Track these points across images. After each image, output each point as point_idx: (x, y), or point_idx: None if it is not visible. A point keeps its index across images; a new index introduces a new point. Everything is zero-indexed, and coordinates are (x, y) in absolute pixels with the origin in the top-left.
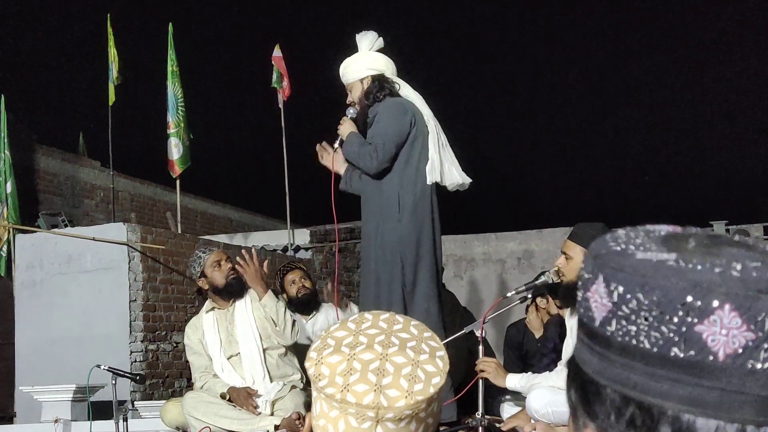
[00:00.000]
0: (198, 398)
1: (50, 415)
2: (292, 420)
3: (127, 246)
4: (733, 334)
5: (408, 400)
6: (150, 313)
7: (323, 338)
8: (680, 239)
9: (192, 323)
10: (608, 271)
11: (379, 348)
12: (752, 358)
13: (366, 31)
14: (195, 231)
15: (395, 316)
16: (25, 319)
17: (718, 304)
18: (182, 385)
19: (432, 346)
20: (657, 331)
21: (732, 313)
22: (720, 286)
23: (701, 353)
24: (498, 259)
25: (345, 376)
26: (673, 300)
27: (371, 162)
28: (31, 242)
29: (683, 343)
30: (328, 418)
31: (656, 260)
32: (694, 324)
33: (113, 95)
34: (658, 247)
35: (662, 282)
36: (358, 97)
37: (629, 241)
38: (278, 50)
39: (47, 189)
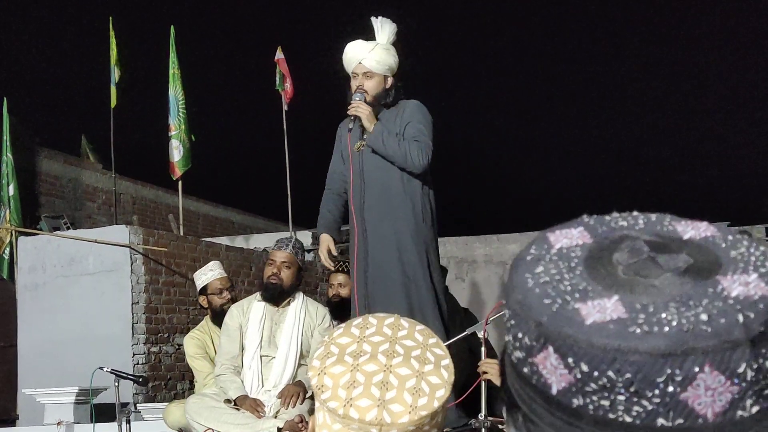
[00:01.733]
0: (201, 403)
1: (53, 418)
2: (294, 423)
3: (130, 248)
4: (719, 392)
5: (412, 415)
6: (152, 315)
7: (326, 345)
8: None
9: (241, 304)
10: (560, 344)
11: (383, 358)
12: (740, 409)
13: (384, 18)
14: (197, 233)
15: (400, 321)
16: (27, 321)
17: (698, 369)
18: (185, 387)
19: (437, 354)
20: (637, 405)
21: (714, 373)
22: (695, 349)
23: (689, 419)
24: (500, 261)
25: (348, 389)
26: (649, 374)
27: (422, 159)
28: (33, 245)
29: (669, 413)
30: (330, 429)
31: (611, 322)
32: (678, 394)
33: (115, 98)
34: (593, 287)
35: (632, 357)
36: (376, 91)
37: (558, 287)
38: (280, 52)
39: (49, 192)
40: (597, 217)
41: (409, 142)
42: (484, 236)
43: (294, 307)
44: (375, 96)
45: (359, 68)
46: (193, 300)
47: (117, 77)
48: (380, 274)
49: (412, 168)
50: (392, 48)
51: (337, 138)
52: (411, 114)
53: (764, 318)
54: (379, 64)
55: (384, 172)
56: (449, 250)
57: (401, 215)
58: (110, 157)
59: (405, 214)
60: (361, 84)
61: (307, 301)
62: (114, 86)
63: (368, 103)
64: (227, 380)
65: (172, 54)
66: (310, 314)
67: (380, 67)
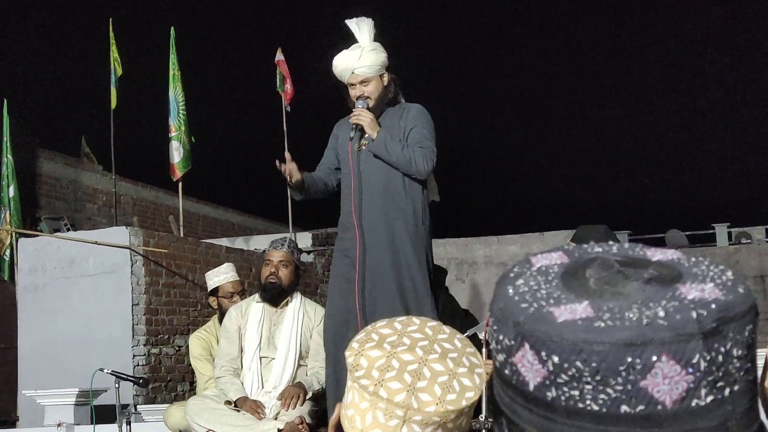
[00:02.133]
0: (201, 404)
1: (53, 419)
2: (295, 425)
3: (130, 250)
4: (675, 381)
5: (438, 407)
6: (152, 316)
7: (368, 332)
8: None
9: (239, 306)
10: (534, 340)
11: (421, 352)
12: (696, 398)
13: (359, 18)
14: (197, 235)
15: (442, 326)
16: (27, 323)
17: (656, 358)
18: (185, 388)
19: (472, 362)
20: (602, 393)
21: (670, 362)
22: (653, 340)
23: (650, 405)
24: (500, 262)
25: (382, 371)
26: (612, 363)
27: (426, 165)
28: (33, 246)
29: (631, 400)
30: (357, 408)
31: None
32: (638, 381)
33: (115, 99)
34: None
35: (597, 348)
36: (377, 93)
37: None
38: (280, 54)
39: (50, 193)
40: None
41: (413, 148)
42: (485, 237)
43: (292, 307)
44: (377, 98)
45: (354, 78)
46: (194, 301)
47: (117, 79)
48: (379, 276)
49: (416, 174)
50: (378, 45)
51: (332, 136)
52: (415, 118)
53: (716, 316)
54: (371, 68)
55: (385, 174)
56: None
57: (402, 217)
58: (110, 158)
59: (406, 217)
60: (361, 93)
61: (305, 302)
62: (114, 88)
63: (372, 109)
64: (227, 382)
65: (172, 55)
66: (308, 315)
67: (373, 70)
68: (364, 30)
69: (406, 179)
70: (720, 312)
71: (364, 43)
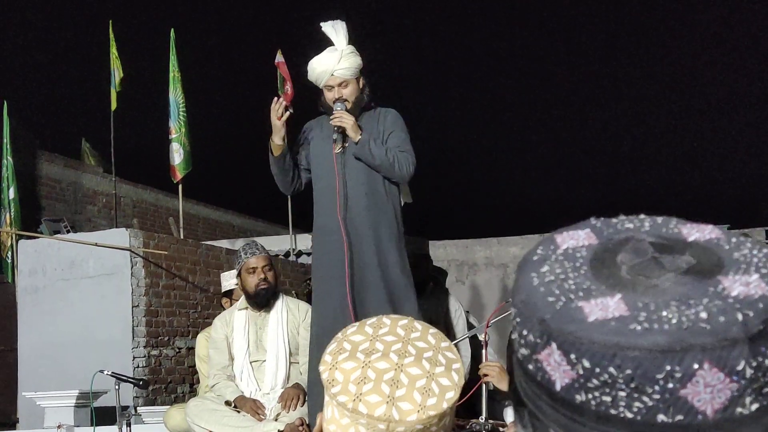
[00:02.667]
0: (202, 405)
1: (53, 421)
2: (295, 426)
3: (130, 251)
4: (718, 389)
5: (420, 414)
6: (152, 318)
7: (339, 341)
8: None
9: (223, 316)
10: (563, 341)
11: (395, 357)
12: (739, 406)
13: (334, 21)
14: (197, 237)
15: (414, 323)
16: (27, 324)
17: (697, 366)
18: (185, 390)
19: (449, 358)
20: (638, 401)
21: (713, 370)
22: (693, 346)
23: (689, 415)
24: (500, 263)
25: (358, 384)
26: (649, 371)
27: (408, 169)
28: (33, 248)
29: (669, 410)
30: (338, 424)
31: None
32: (678, 390)
33: (115, 101)
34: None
35: (632, 353)
36: (355, 96)
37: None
38: (280, 56)
39: (50, 195)
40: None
41: (396, 153)
42: (485, 239)
43: (275, 308)
44: (355, 101)
45: (333, 80)
46: (194, 303)
47: (117, 80)
48: (366, 277)
49: (398, 177)
50: (353, 48)
51: (301, 139)
52: (393, 123)
53: (764, 317)
54: (349, 70)
55: (367, 176)
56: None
57: (385, 219)
58: (110, 160)
59: (388, 219)
60: (340, 95)
61: (288, 300)
62: (114, 89)
63: (350, 111)
64: (222, 386)
65: (172, 57)
66: (292, 312)
67: (351, 72)
68: (340, 33)
69: (386, 182)
70: (767, 311)
71: (341, 45)
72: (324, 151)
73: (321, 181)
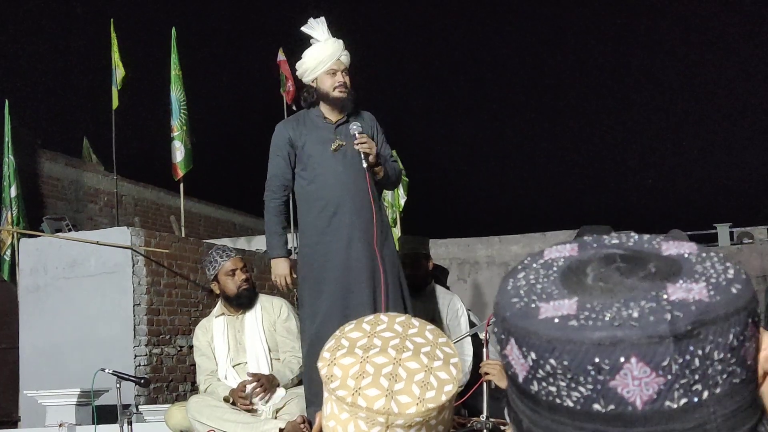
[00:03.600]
0: (202, 402)
1: (54, 420)
2: (296, 424)
3: (131, 250)
4: (645, 383)
5: (419, 407)
6: (154, 317)
7: (337, 338)
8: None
9: (202, 325)
10: (517, 336)
11: (393, 352)
12: (668, 400)
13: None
14: (198, 235)
15: (411, 320)
16: (29, 323)
17: (624, 359)
18: (186, 389)
19: (446, 353)
20: (575, 390)
21: (639, 364)
22: (622, 341)
23: (620, 406)
24: (502, 262)
25: (357, 379)
26: (582, 362)
27: (400, 180)
28: (35, 246)
29: (602, 399)
30: (338, 419)
31: (558, 318)
32: (608, 381)
33: (117, 100)
34: (560, 291)
35: (568, 346)
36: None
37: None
38: (282, 54)
39: (51, 193)
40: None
41: (393, 165)
42: (486, 237)
43: (251, 309)
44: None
45: (338, 65)
46: (195, 302)
47: (118, 79)
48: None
49: (393, 187)
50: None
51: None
52: (378, 131)
53: (693, 318)
54: (348, 60)
55: (359, 175)
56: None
57: (380, 218)
58: (112, 158)
59: (382, 217)
60: (344, 81)
61: (262, 299)
62: (115, 88)
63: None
64: (214, 387)
65: (174, 55)
66: (266, 310)
67: (349, 63)
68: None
69: (370, 181)
70: (699, 315)
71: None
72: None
73: (317, 181)
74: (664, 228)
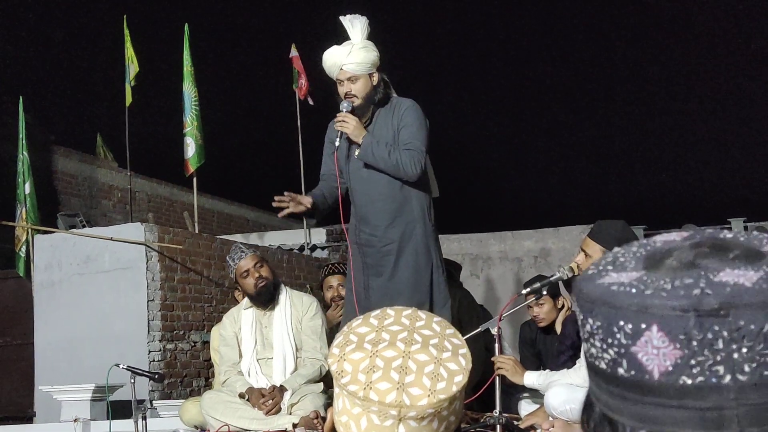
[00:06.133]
0: (217, 397)
1: (69, 415)
2: (310, 419)
3: (145, 246)
4: (663, 353)
5: (431, 398)
6: (168, 312)
7: (345, 334)
8: (665, 253)
9: (231, 314)
10: (577, 297)
11: (402, 345)
12: (684, 374)
13: (353, 15)
14: (212, 231)
15: (417, 312)
16: (43, 319)
17: (645, 326)
18: (200, 384)
19: (455, 344)
20: (606, 353)
21: (659, 333)
22: (646, 308)
23: (639, 372)
24: (515, 257)
25: (367, 373)
26: (610, 324)
27: (414, 168)
28: (49, 243)
29: (625, 364)
30: (350, 414)
31: (608, 284)
32: (630, 346)
33: (130, 96)
34: (636, 265)
35: (603, 308)
36: (364, 93)
37: (613, 260)
38: (294, 50)
39: (65, 190)
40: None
41: (400, 152)
42: (499, 233)
43: (279, 305)
44: (365, 97)
45: (342, 74)
46: (208, 297)
47: (132, 75)
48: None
49: (405, 177)
50: (369, 43)
51: (327, 141)
52: (405, 116)
53: (722, 299)
54: (360, 65)
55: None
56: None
57: (409, 218)
58: (125, 155)
59: (413, 217)
60: (348, 90)
61: (292, 295)
62: (129, 84)
63: (358, 107)
64: (233, 381)
65: (186, 51)
66: (295, 307)
67: (362, 68)
68: (356, 27)
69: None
70: (730, 297)
71: (356, 40)
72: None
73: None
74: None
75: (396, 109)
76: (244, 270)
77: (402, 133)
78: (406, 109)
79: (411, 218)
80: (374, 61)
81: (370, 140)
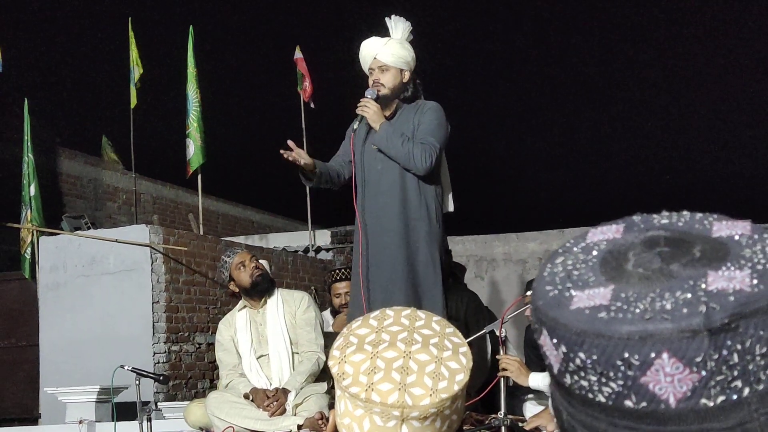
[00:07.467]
0: (221, 398)
1: (74, 416)
2: (315, 420)
3: (150, 248)
4: (679, 379)
5: (433, 398)
6: (173, 314)
7: (345, 336)
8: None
9: (226, 319)
10: (549, 326)
11: (402, 345)
12: (704, 397)
13: (398, 17)
14: (216, 233)
15: (417, 312)
16: (48, 320)
17: (655, 355)
18: (205, 386)
19: (455, 342)
20: (606, 386)
21: (671, 360)
22: (652, 335)
23: (652, 403)
24: (519, 259)
25: (369, 374)
26: (611, 358)
27: (424, 162)
28: (54, 244)
29: (633, 396)
30: (352, 416)
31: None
32: (638, 377)
33: (135, 98)
34: (596, 278)
35: (597, 340)
36: (392, 85)
37: (567, 276)
38: (299, 52)
39: (70, 192)
40: (645, 215)
41: (414, 144)
42: (504, 234)
43: (272, 302)
44: (392, 88)
45: (375, 63)
46: (213, 299)
47: (137, 77)
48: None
49: (414, 170)
50: (407, 43)
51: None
52: (426, 114)
53: (731, 311)
54: (394, 57)
55: (399, 171)
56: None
57: (415, 215)
58: (130, 157)
59: (420, 215)
60: (377, 78)
61: (283, 293)
62: (134, 86)
63: (383, 97)
64: (235, 383)
65: (190, 54)
66: (287, 303)
67: (395, 60)
68: (399, 27)
69: (417, 178)
70: (737, 307)
71: (396, 36)
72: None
73: (359, 175)
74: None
75: (420, 108)
76: (240, 262)
77: (420, 129)
78: (428, 109)
79: (417, 216)
80: (407, 59)
81: (387, 127)
